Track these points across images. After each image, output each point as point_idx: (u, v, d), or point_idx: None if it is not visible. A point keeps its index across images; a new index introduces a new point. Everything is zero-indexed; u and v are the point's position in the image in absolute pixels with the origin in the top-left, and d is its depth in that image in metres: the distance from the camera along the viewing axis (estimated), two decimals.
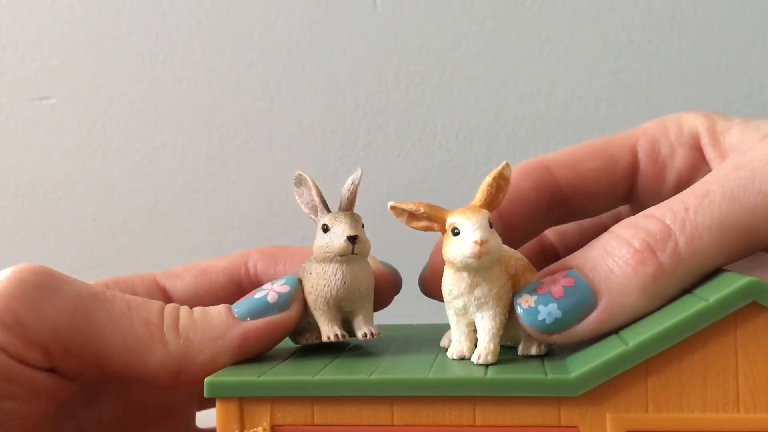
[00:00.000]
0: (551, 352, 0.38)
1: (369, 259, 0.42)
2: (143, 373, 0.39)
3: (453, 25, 0.83)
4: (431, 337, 0.44)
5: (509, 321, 0.38)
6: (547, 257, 0.51)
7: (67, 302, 0.38)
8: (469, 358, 0.38)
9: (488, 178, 0.38)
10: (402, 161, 0.83)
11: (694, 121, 0.46)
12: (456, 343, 0.39)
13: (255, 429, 0.36)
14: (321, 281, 0.40)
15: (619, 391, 0.33)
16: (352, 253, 0.40)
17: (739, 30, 0.81)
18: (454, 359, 0.38)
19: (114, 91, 0.84)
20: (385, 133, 0.83)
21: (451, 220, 0.37)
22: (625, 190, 0.47)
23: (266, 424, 0.36)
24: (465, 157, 0.83)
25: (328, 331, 0.40)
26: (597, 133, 0.81)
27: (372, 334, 0.40)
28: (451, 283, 0.38)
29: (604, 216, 0.50)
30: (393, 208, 0.38)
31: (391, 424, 0.35)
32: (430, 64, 0.83)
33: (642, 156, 0.47)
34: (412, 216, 0.38)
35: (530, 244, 0.49)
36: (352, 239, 0.39)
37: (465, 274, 0.37)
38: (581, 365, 0.34)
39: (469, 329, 0.39)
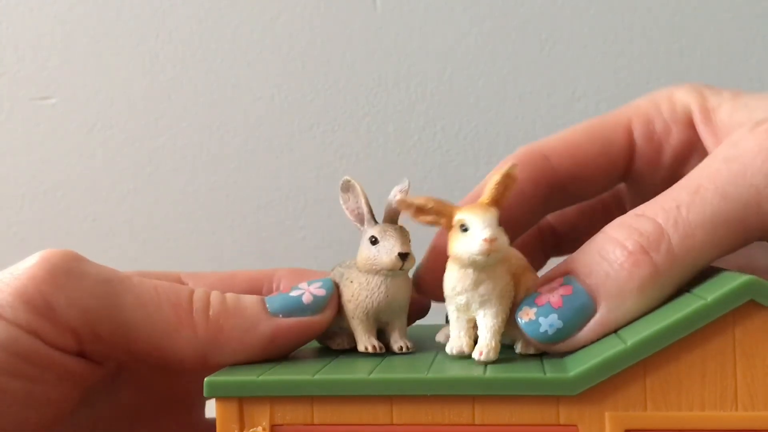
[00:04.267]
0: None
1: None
2: (171, 357, 0.39)
3: (453, 25, 0.83)
4: (430, 336, 0.44)
5: (509, 320, 0.38)
6: (544, 238, 0.52)
7: (96, 286, 0.38)
8: (469, 355, 0.38)
9: (497, 177, 0.38)
10: (402, 161, 0.83)
11: (685, 98, 0.46)
12: (455, 339, 0.39)
13: (254, 428, 0.36)
14: (363, 292, 0.40)
15: (617, 390, 0.33)
16: (401, 269, 0.40)
17: (739, 30, 0.81)
18: (453, 354, 0.38)
19: (114, 91, 0.84)
20: (385, 133, 0.83)
21: (460, 216, 0.37)
22: (622, 170, 0.47)
23: (266, 423, 0.36)
24: (465, 157, 0.83)
25: (366, 342, 0.40)
26: None
27: (408, 347, 0.40)
28: (455, 279, 0.38)
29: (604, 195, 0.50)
30: (400, 202, 0.38)
31: (390, 423, 0.35)
32: (430, 64, 0.83)
33: (637, 136, 0.47)
34: (420, 210, 0.38)
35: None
36: (403, 256, 0.39)
37: (470, 271, 0.37)
38: (580, 364, 0.34)
39: (469, 326, 0.38)
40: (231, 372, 0.37)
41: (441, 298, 0.42)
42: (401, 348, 0.40)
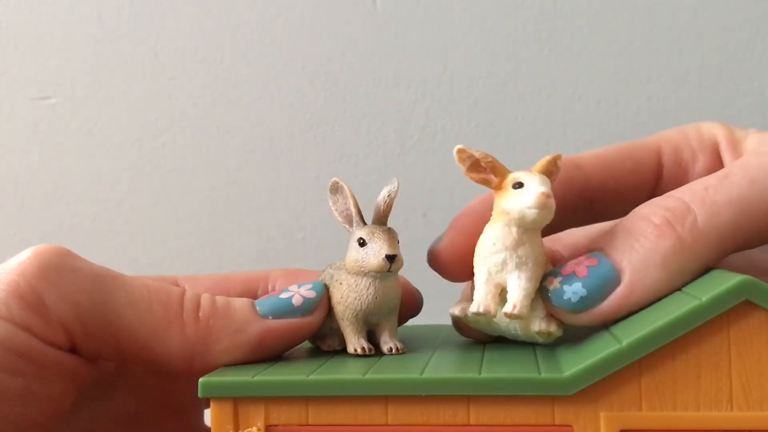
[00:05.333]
0: (544, 350, 0.38)
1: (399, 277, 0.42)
2: (159, 356, 0.39)
3: (453, 25, 0.83)
4: (427, 337, 0.44)
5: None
6: None
7: (87, 281, 0.38)
8: (493, 316, 0.38)
9: (548, 157, 0.39)
10: (402, 161, 0.83)
11: (712, 130, 0.48)
12: (482, 299, 0.38)
13: (249, 429, 0.36)
14: (352, 294, 0.40)
15: (612, 390, 0.33)
16: (388, 271, 0.40)
17: (739, 30, 0.81)
18: (479, 311, 0.38)
19: (114, 91, 0.84)
20: (385, 133, 0.83)
21: (516, 175, 0.38)
22: (649, 192, 0.48)
23: (261, 424, 0.35)
24: None
25: (355, 343, 0.40)
26: (597, 133, 0.81)
27: (397, 348, 0.40)
28: (496, 236, 0.38)
29: None
30: (460, 151, 0.38)
31: (385, 423, 0.35)
32: (430, 64, 0.83)
33: (666, 160, 0.47)
34: (475, 164, 0.38)
35: None
36: (390, 258, 0.39)
37: (514, 229, 0.37)
38: (575, 364, 0.34)
39: (497, 290, 0.38)
40: (226, 372, 0.37)
41: (454, 275, 0.43)
42: (391, 349, 0.40)
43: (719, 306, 0.33)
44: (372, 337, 0.41)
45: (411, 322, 0.47)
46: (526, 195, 0.37)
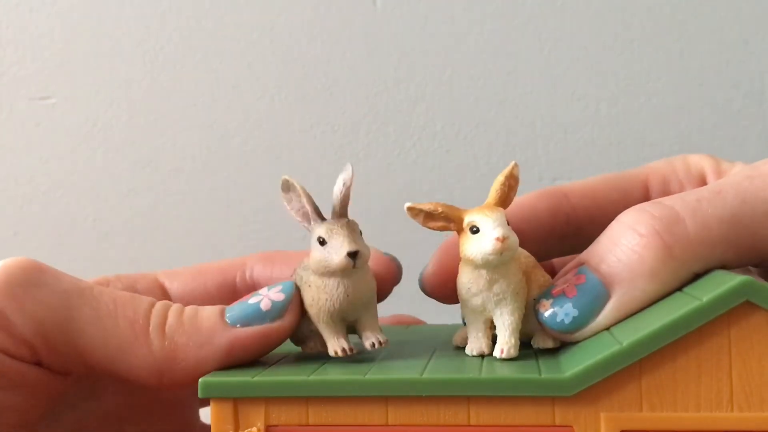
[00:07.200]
0: (545, 350, 0.38)
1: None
2: (126, 373, 0.38)
3: (453, 25, 0.83)
4: (427, 338, 0.44)
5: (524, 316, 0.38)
6: None
7: (51, 298, 0.38)
8: (489, 354, 0.38)
9: (500, 178, 0.38)
10: (402, 161, 0.83)
11: (700, 162, 0.48)
12: (474, 340, 0.39)
13: (249, 429, 0.35)
14: (322, 295, 0.38)
15: (613, 391, 0.33)
16: (354, 267, 0.38)
17: (739, 30, 0.81)
18: (474, 355, 0.38)
19: (114, 91, 0.84)
20: (385, 133, 0.83)
21: (470, 218, 0.37)
22: None
23: (261, 424, 0.35)
24: (465, 157, 0.83)
25: (335, 345, 0.39)
26: (596, 133, 0.82)
27: (380, 342, 0.39)
28: (469, 280, 0.38)
29: None
30: (410, 209, 0.38)
31: (385, 423, 0.35)
32: (430, 64, 0.83)
33: (653, 192, 0.47)
34: (429, 216, 0.38)
35: None
36: (352, 255, 0.37)
37: (484, 272, 0.37)
38: (575, 365, 0.34)
39: (485, 326, 0.39)
40: (226, 372, 0.37)
41: (448, 300, 0.43)
42: (373, 344, 0.39)
43: (720, 306, 0.32)
44: (354, 333, 0.40)
45: (411, 317, 0.47)
46: (484, 241, 0.36)
